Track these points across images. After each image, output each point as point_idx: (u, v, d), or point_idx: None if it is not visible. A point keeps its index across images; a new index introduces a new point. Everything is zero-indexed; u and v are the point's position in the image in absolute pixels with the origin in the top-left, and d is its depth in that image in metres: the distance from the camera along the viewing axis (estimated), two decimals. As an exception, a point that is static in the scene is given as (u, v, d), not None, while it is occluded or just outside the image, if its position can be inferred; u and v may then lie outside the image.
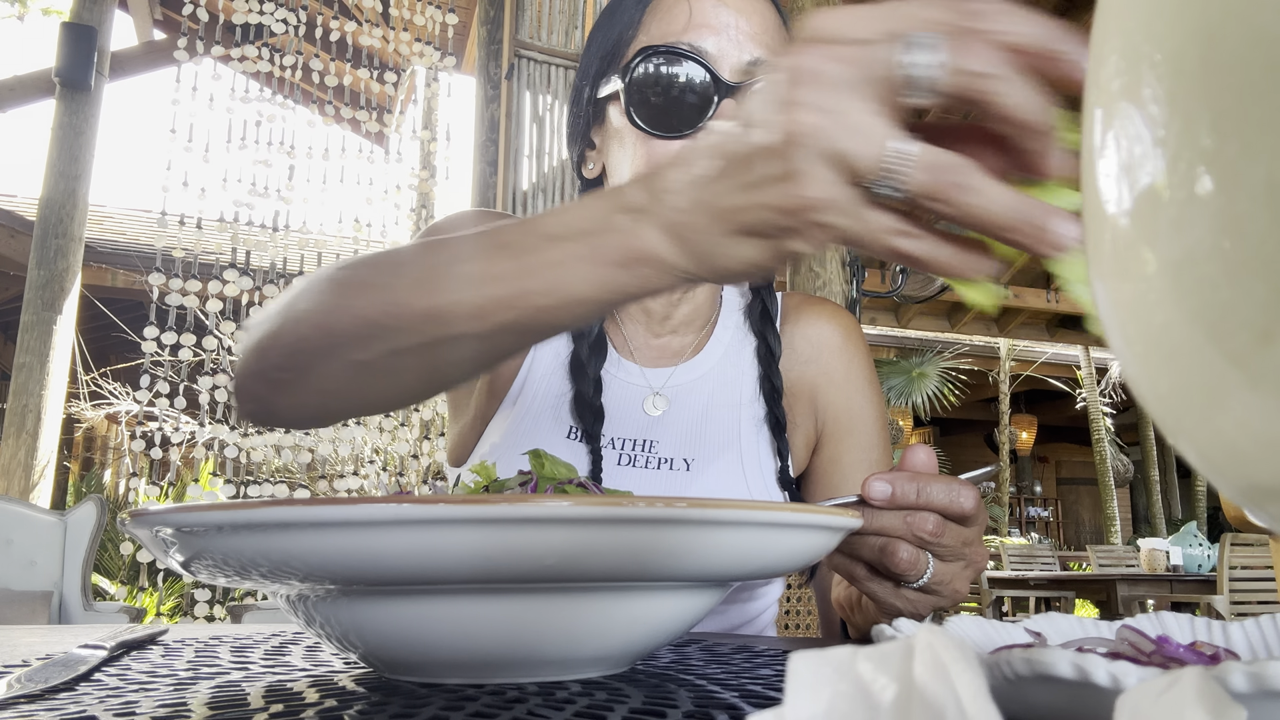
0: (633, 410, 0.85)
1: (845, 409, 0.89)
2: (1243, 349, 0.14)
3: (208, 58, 4.06)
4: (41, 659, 0.48)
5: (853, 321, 0.93)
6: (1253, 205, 0.13)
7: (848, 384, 0.90)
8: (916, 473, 0.55)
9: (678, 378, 0.87)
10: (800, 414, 0.89)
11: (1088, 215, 0.17)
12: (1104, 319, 0.17)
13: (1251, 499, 0.16)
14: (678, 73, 0.73)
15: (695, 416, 0.85)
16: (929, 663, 0.17)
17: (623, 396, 0.85)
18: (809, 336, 0.91)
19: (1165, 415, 0.16)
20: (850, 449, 0.89)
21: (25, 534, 2.94)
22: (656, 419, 0.84)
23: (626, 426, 0.84)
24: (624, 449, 0.82)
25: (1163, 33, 0.14)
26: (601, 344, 0.86)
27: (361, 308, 0.51)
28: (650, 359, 0.89)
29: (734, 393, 0.87)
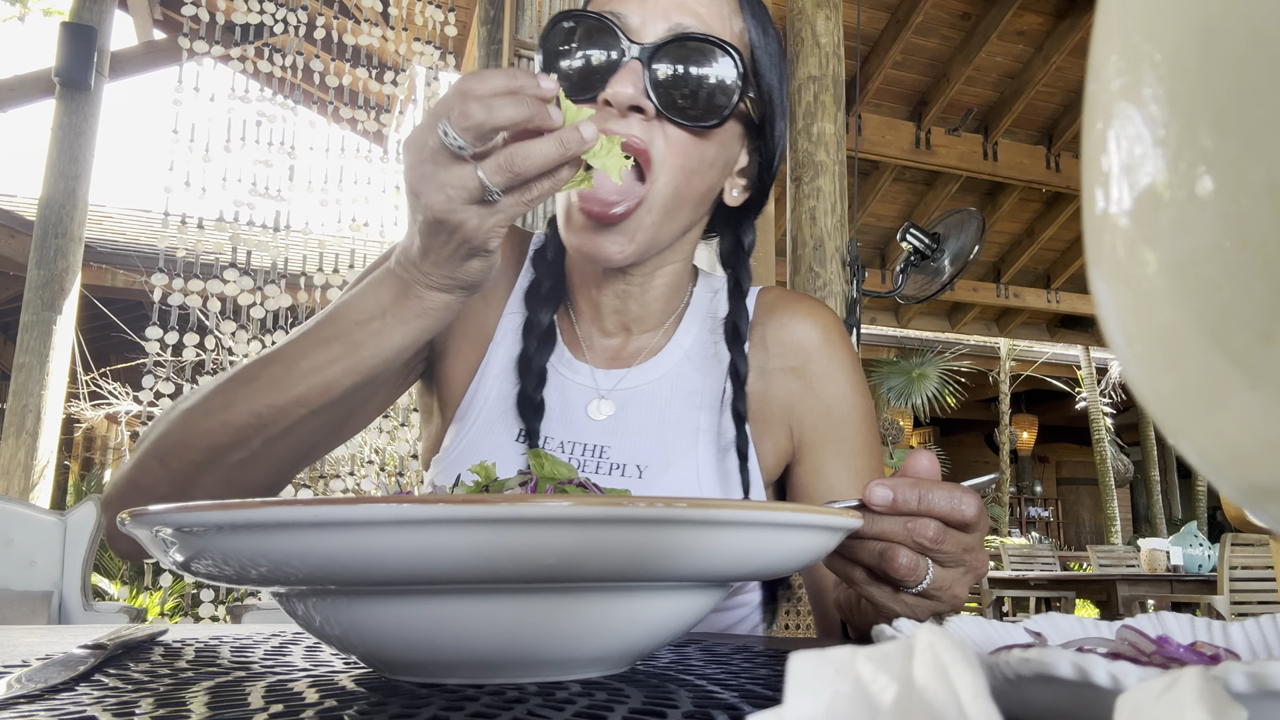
0: (579, 411, 0.82)
1: (825, 416, 0.84)
2: (1244, 349, 0.14)
3: (208, 57, 4.06)
4: (41, 659, 0.48)
5: (833, 319, 0.87)
6: (1253, 205, 0.13)
7: (828, 389, 0.84)
8: (918, 479, 0.55)
9: (628, 381, 0.83)
10: (772, 422, 0.84)
11: (1088, 215, 0.17)
12: (1104, 319, 0.17)
13: (1252, 499, 0.16)
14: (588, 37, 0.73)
15: (648, 422, 0.81)
16: (929, 663, 0.17)
17: (573, 398, 0.82)
18: (783, 339, 0.85)
19: (1166, 415, 0.16)
20: (833, 457, 0.84)
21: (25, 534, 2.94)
22: (604, 423, 0.81)
23: (576, 430, 0.80)
24: (575, 454, 0.79)
25: (1163, 32, 0.14)
26: (550, 337, 0.83)
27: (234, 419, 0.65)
28: (603, 360, 0.85)
29: (693, 400, 0.82)
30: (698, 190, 0.76)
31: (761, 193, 0.85)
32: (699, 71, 0.72)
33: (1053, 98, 7.47)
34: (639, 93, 0.71)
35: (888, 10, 6.60)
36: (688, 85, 0.72)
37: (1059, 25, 6.77)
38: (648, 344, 0.85)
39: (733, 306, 0.84)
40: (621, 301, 0.83)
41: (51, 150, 4.52)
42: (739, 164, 0.82)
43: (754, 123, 0.80)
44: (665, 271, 0.83)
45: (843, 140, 3.21)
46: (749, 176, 0.83)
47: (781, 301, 0.87)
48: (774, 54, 0.81)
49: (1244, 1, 0.13)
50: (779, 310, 0.86)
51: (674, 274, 0.84)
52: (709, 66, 0.72)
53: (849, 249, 3.12)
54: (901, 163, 7.54)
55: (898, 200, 8.46)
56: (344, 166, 4.28)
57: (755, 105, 0.78)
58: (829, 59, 3.23)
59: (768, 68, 0.80)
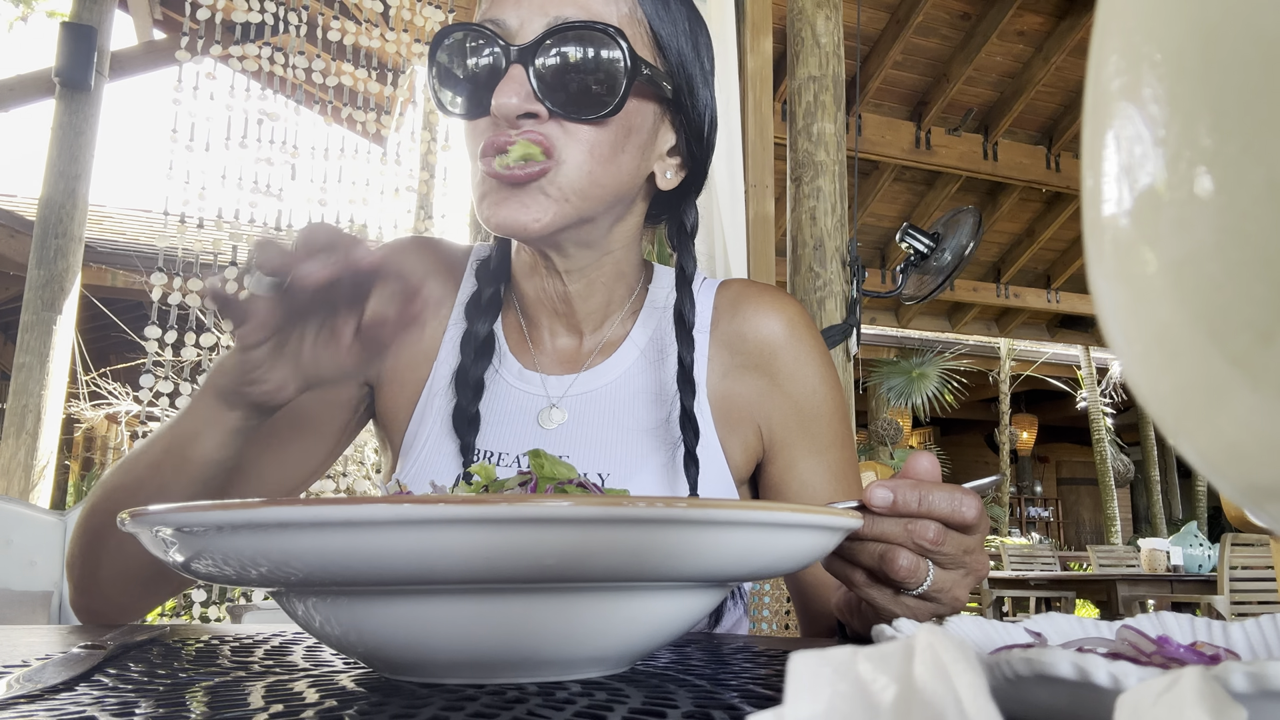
0: (529, 422, 0.79)
1: (795, 413, 0.81)
2: (1244, 349, 0.14)
3: (208, 57, 4.06)
4: (41, 659, 0.48)
5: (798, 311, 0.84)
6: (1253, 205, 0.13)
7: (796, 385, 0.81)
8: (919, 480, 0.55)
9: (579, 386, 0.80)
10: (740, 421, 0.82)
11: (1087, 215, 0.17)
12: (1104, 319, 0.17)
13: (1252, 499, 0.16)
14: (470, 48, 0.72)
15: (603, 428, 0.78)
16: (929, 663, 0.17)
17: (525, 409, 0.80)
18: (747, 335, 0.82)
19: (1165, 415, 0.16)
20: (806, 453, 0.82)
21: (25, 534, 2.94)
22: (557, 432, 0.78)
23: (529, 441, 0.78)
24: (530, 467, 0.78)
25: (1163, 32, 0.14)
26: (489, 347, 0.81)
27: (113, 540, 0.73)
28: (555, 366, 0.82)
29: (652, 399, 0.80)
30: (614, 175, 0.73)
31: (697, 170, 0.82)
32: (584, 61, 0.69)
33: (1053, 98, 7.47)
34: (525, 99, 0.68)
35: (888, 10, 6.60)
36: (575, 78, 0.69)
37: (1059, 25, 6.77)
38: (599, 344, 0.83)
39: (679, 293, 0.81)
40: (565, 300, 0.81)
41: (51, 150, 4.52)
42: (665, 144, 0.79)
43: (668, 98, 0.77)
44: (606, 263, 0.80)
45: (843, 140, 3.21)
46: (680, 154, 0.80)
47: (744, 296, 0.84)
48: (680, 23, 0.77)
49: (1244, 1, 0.13)
50: (742, 305, 0.84)
51: (616, 266, 0.81)
52: (594, 54, 0.69)
53: (849, 249, 3.12)
54: (901, 163, 7.54)
55: (898, 200, 8.46)
56: (343, 167, 4.28)
57: (663, 80, 0.75)
58: (829, 59, 3.23)
59: (673, 38, 0.77)
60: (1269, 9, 0.13)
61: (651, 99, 0.75)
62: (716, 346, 0.83)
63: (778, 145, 3.51)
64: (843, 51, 3.29)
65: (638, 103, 0.74)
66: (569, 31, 0.69)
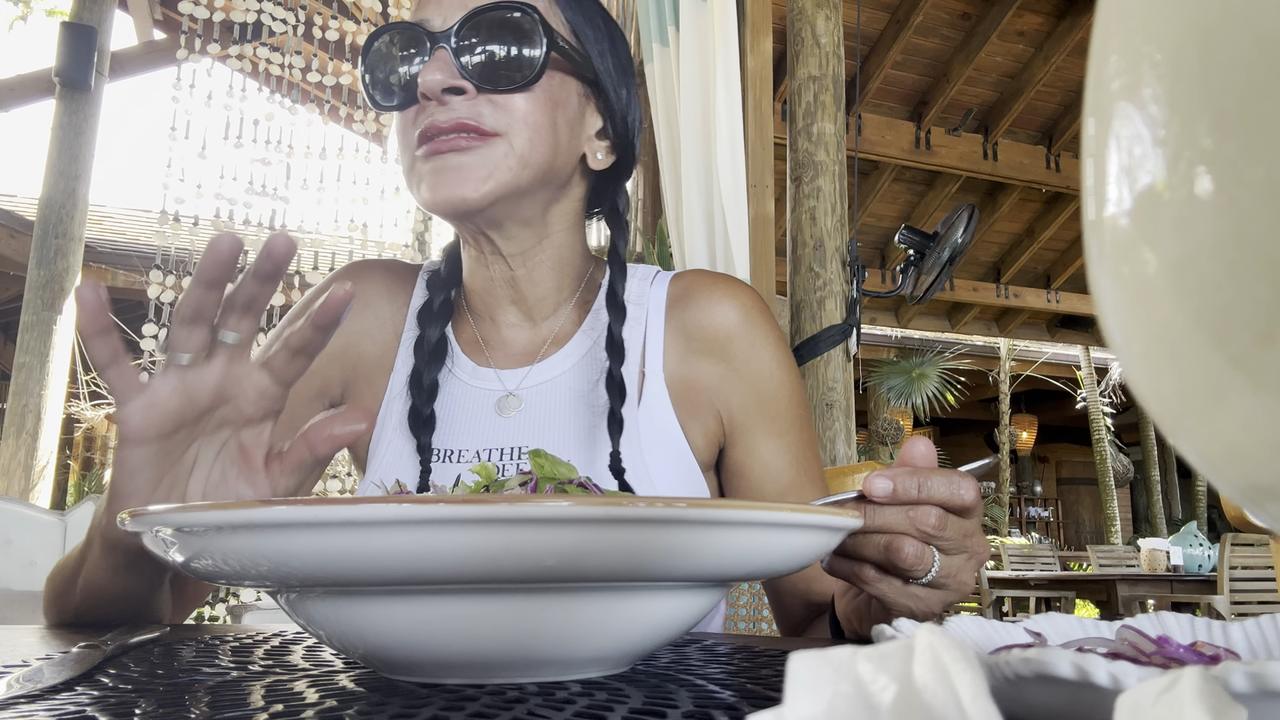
0: (489, 415, 0.81)
1: (754, 396, 0.83)
2: (1244, 350, 0.14)
3: (207, 56, 4.06)
4: (41, 659, 0.48)
5: (752, 296, 0.86)
6: (1253, 205, 0.13)
7: (753, 369, 0.83)
8: (917, 467, 0.55)
9: (534, 377, 0.83)
10: (699, 406, 0.83)
11: (1087, 215, 0.17)
12: (1104, 319, 0.17)
13: (1252, 499, 0.16)
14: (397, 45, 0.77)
15: (561, 414, 0.80)
16: (929, 663, 0.17)
17: (483, 405, 0.82)
18: (702, 323, 0.84)
19: (1165, 415, 0.16)
20: (766, 436, 0.83)
21: (25, 534, 2.94)
22: (515, 421, 0.80)
23: (489, 436, 0.80)
24: (490, 459, 0.78)
25: (1162, 32, 0.14)
26: (441, 351, 0.84)
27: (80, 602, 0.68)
28: (509, 360, 0.85)
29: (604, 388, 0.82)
30: (546, 146, 0.77)
31: (625, 155, 0.86)
32: (502, 36, 0.74)
33: (1053, 98, 7.47)
34: (449, 75, 0.73)
35: (888, 10, 6.60)
36: (495, 53, 0.74)
37: (1059, 25, 6.77)
38: (552, 335, 0.85)
39: (612, 269, 0.84)
40: (514, 285, 0.84)
41: (51, 150, 4.52)
42: (593, 126, 0.83)
43: (590, 80, 0.81)
44: (548, 246, 0.83)
45: (843, 140, 3.21)
46: (608, 138, 0.84)
47: (698, 285, 0.86)
48: (594, 18, 0.83)
49: (1243, 1, 0.13)
50: (695, 294, 0.85)
51: (558, 250, 0.84)
52: (511, 29, 0.74)
53: (849, 249, 3.12)
54: (901, 163, 7.54)
55: (898, 200, 8.46)
56: (342, 166, 4.28)
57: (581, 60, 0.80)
58: (829, 59, 3.23)
59: (587, 27, 0.81)
60: (1269, 8, 0.13)
61: (572, 76, 0.80)
62: (672, 334, 0.84)
63: (778, 145, 3.51)
64: (843, 51, 3.29)
65: (560, 77, 0.78)
66: (484, 15, 0.74)
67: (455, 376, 0.84)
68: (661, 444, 0.80)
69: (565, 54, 0.77)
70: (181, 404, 0.55)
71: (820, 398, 2.97)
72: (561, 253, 0.84)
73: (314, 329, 0.55)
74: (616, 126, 0.84)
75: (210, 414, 0.57)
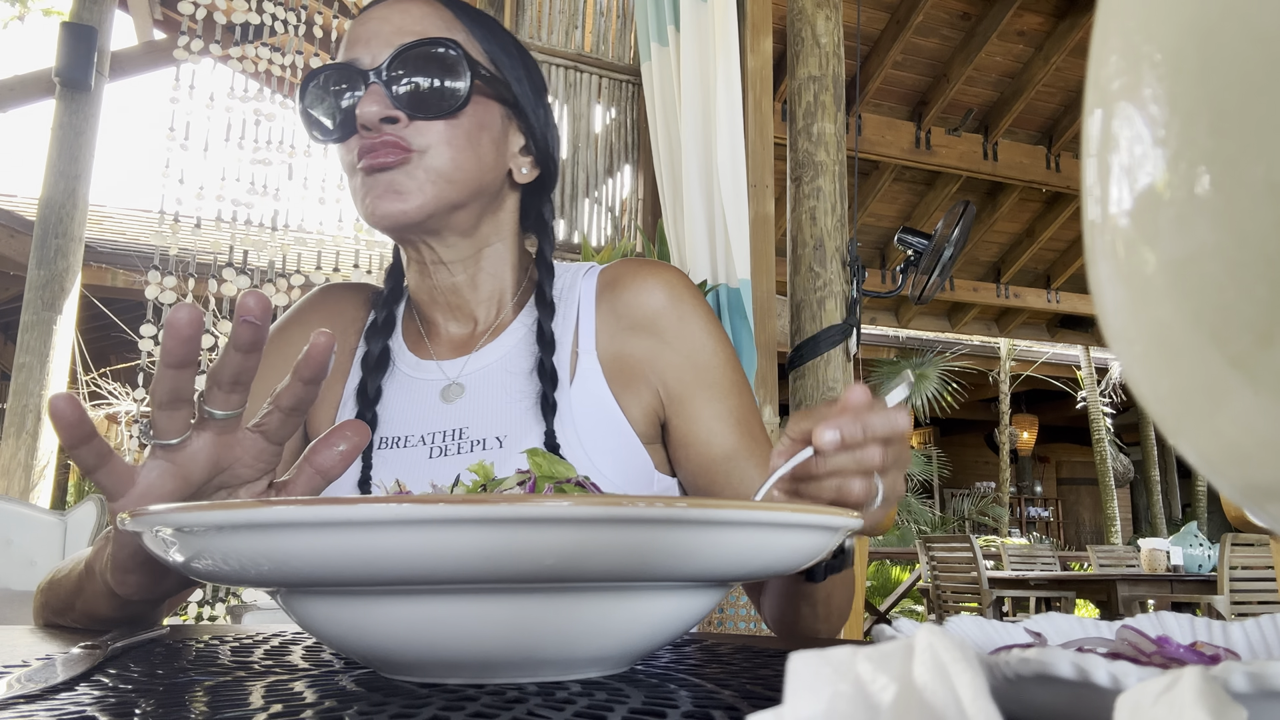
0: (435, 403, 0.88)
1: (689, 366, 0.88)
2: (1244, 350, 0.14)
3: (207, 57, 4.06)
4: (41, 659, 0.48)
5: (676, 276, 0.92)
6: (1253, 204, 0.13)
7: (685, 341, 0.88)
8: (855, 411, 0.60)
9: (473, 364, 0.89)
10: (634, 382, 0.88)
11: (1087, 215, 0.17)
12: (1104, 319, 0.17)
13: (1252, 499, 0.16)
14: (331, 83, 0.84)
15: (499, 397, 0.86)
16: (929, 663, 0.17)
17: (426, 394, 0.89)
18: (632, 305, 0.89)
19: (1165, 415, 0.16)
20: (706, 402, 0.87)
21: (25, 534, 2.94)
22: (456, 406, 0.87)
23: (433, 421, 0.86)
24: (435, 442, 0.85)
25: (1162, 32, 0.14)
26: (383, 361, 0.91)
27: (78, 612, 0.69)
28: (449, 351, 0.91)
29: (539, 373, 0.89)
30: (473, 162, 0.84)
31: (548, 169, 0.94)
32: (429, 69, 0.81)
33: (1053, 98, 7.47)
34: (384, 106, 0.80)
35: (888, 10, 6.60)
36: (423, 84, 0.81)
37: (1059, 25, 6.77)
38: (490, 328, 0.92)
39: (540, 273, 0.92)
40: (456, 292, 0.91)
41: (51, 150, 4.52)
42: (516, 144, 0.91)
43: (511, 103, 0.89)
44: (487, 254, 0.91)
45: (843, 140, 3.21)
46: (531, 154, 0.92)
47: (625, 273, 0.92)
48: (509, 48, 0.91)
49: (1243, 1, 0.13)
50: (624, 280, 0.91)
51: (496, 256, 0.92)
52: (436, 62, 0.82)
53: (849, 249, 3.12)
54: (901, 163, 7.54)
55: (898, 200, 8.46)
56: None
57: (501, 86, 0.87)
58: (829, 59, 3.23)
59: (503, 55, 0.89)
60: (1268, 8, 0.13)
61: (495, 100, 0.87)
62: (604, 317, 0.90)
63: (778, 145, 3.51)
64: (843, 51, 3.29)
65: (484, 102, 0.86)
66: (414, 49, 0.81)
67: (400, 371, 0.91)
68: (597, 418, 0.86)
69: (487, 81, 0.85)
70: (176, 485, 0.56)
71: (820, 398, 2.97)
72: (499, 259, 0.92)
73: (302, 385, 0.55)
74: (537, 143, 0.92)
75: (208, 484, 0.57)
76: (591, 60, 3.57)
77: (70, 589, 0.70)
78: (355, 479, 0.85)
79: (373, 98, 0.80)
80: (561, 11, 3.60)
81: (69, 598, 0.70)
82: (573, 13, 3.62)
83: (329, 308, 0.98)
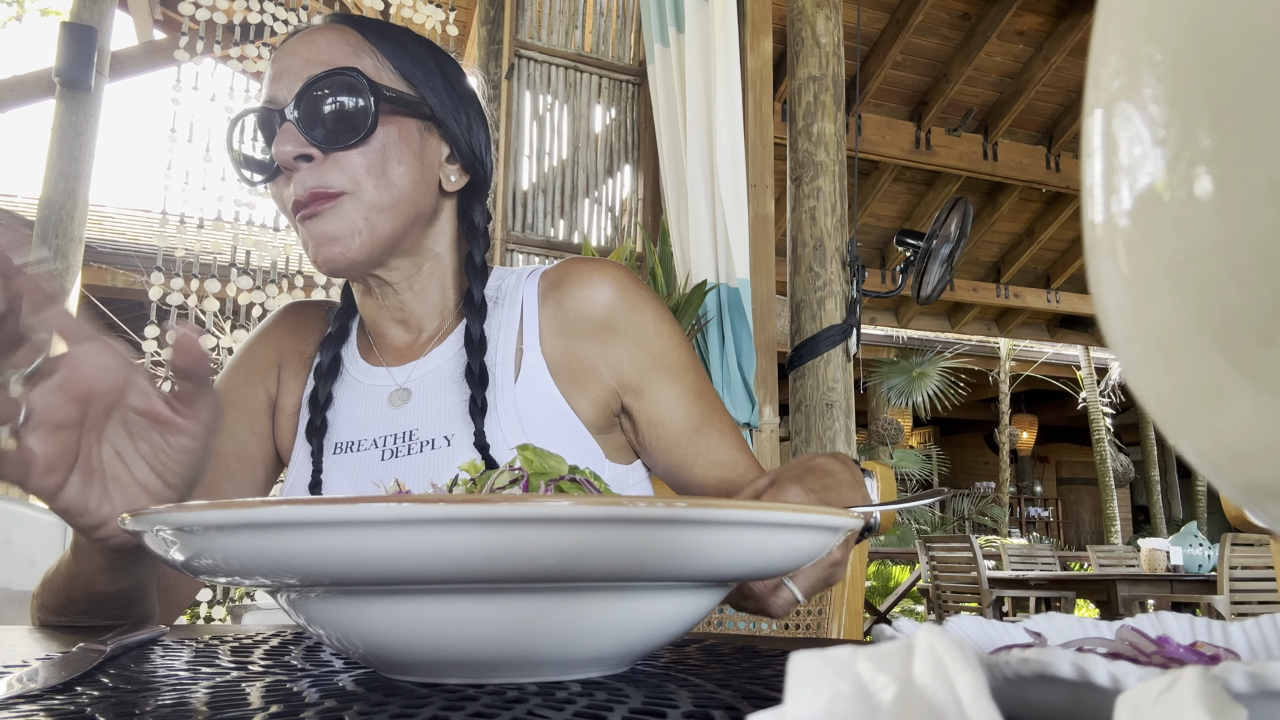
0: (383, 408, 0.91)
1: (646, 353, 0.91)
2: (1244, 350, 0.14)
3: (208, 57, 4.06)
4: (41, 659, 0.48)
5: (622, 271, 0.94)
6: (1254, 204, 0.13)
7: (639, 331, 0.91)
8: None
9: (420, 369, 0.92)
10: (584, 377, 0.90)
11: (1087, 215, 0.17)
12: (1104, 319, 0.17)
13: (1252, 499, 0.16)
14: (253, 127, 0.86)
15: (445, 399, 0.89)
16: (929, 663, 0.17)
17: (376, 399, 0.92)
18: (580, 302, 0.92)
19: (1166, 415, 0.16)
20: (666, 384, 0.91)
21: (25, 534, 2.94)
22: (405, 410, 0.90)
23: (384, 424, 0.90)
24: (386, 445, 0.88)
25: (1162, 32, 0.14)
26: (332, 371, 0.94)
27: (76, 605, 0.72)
28: (397, 359, 0.94)
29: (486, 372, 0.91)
30: (398, 185, 0.85)
31: (478, 175, 0.94)
32: (336, 100, 0.83)
33: (1053, 98, 7.47)
34: (297, 144, 0.82)
35: (888, 10, 6.60)
36: (332, 115, 0.82)
37: (1059, 25, 6.77)
38: (435, 334, 0.94)
39: (469, 276, 0.93)
40: (402, 309, 0.93)
41: (52, 150, 4.52)
42: (440, 154, 0.91)
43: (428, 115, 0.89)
44: (430, 267, 0.93)
45: (843, 140, 3.21)
46: (458, 161, 0.93)
47: (569, 273, 0.94)
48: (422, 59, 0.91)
49: (1243, 1, 0.13)
50: (569, 280, 0.93)
51: (440, 267, 0.93)
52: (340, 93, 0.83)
53: (849, 249, 3.12)
54: (901, 163, 7.54)
55: (898, 200, 8.46)
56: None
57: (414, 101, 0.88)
58: (829, 59, 3.23)
59: (416, 68, 0.90)
60: (1268, 8, 0.13)
61: (407, 117, 0.87)
62: (548, 316, 0.92)
63: (778, 145, 3.51)
64: (843, 51, 3.29)
65: (396, 121, 0.86)
66: (318, 82, 0.82)
67: (352, 377, 0.95)
68: (544, 413, 0.88)
69: (394, 101, 0.85)
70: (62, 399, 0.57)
71: (820, 398, 2.97)
72: (441, 269, 0.94)
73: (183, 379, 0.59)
74: (462, 150, 0.92)
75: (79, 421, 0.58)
76: (591, 60, 3.57)
77: (63, 580, 0.71)
78: (307, 481, 0.89)
79: (286, 137, 0.82)
80: (561, 11, 3.60)
81: (64, 589, 0.71)
82: (573, 13, 3.62)
83: (291, 322, 1.02)
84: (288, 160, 0.82)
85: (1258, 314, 0.13)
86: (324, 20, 0.90)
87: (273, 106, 0.84)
